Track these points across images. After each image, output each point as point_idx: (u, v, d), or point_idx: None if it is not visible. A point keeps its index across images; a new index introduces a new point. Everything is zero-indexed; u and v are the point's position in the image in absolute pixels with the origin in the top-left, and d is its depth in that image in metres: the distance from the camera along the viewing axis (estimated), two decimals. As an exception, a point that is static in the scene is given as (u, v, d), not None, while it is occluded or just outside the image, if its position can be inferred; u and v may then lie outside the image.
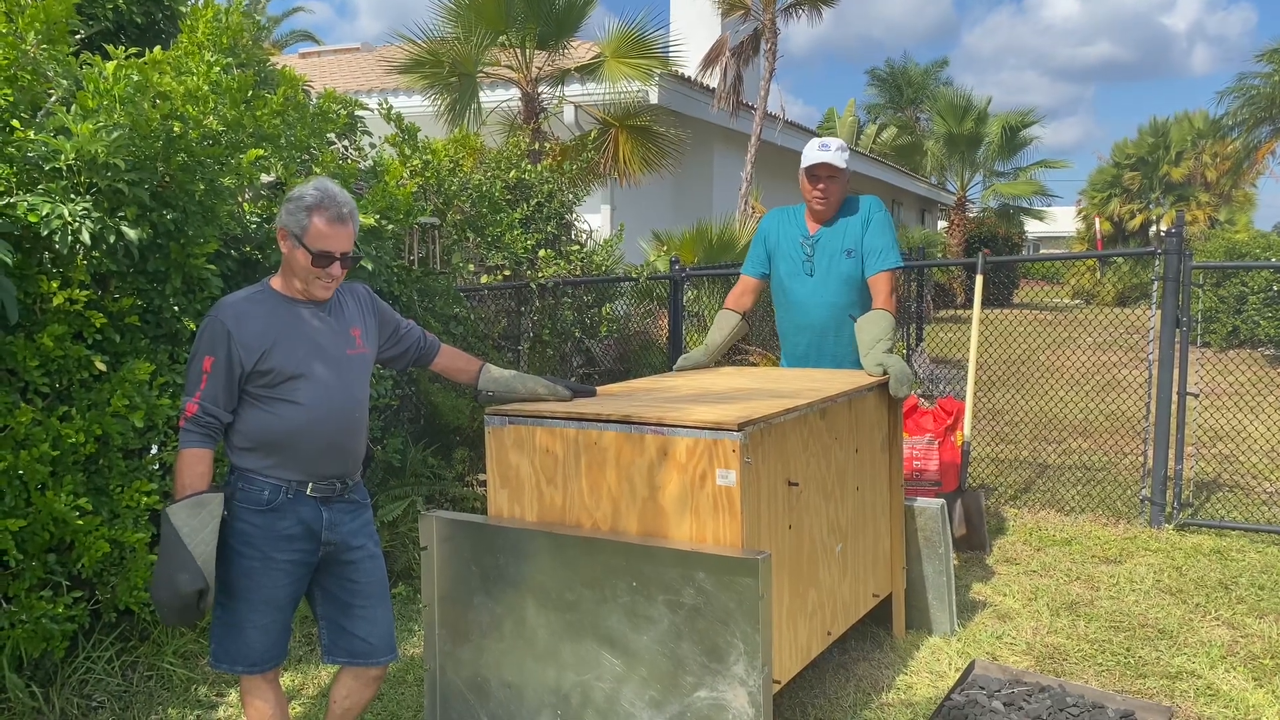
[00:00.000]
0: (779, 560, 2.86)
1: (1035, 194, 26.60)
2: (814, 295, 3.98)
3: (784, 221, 4.12)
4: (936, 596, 3.77)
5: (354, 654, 2.67)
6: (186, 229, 3.43)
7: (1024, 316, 9.28)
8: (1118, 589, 4.26)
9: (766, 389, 3.26)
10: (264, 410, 2.51)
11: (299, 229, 2.49)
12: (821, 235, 4.00)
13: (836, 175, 3.92)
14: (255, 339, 2.49)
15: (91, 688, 3.44)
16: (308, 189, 2.53)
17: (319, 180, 2.60)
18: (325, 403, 2.55)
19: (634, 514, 2.75)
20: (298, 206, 2.50)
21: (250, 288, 2.63)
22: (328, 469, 2.59)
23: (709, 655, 2.58)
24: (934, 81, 32.01)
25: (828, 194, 3.93)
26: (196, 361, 2.48)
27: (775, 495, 2.83)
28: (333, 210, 2.51)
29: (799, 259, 4.02)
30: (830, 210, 3.98)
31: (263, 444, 2.51)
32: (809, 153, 3.95)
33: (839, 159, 3.90)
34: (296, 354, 2.53)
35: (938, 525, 3.72)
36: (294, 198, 2.54)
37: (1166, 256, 4.99)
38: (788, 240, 4.06)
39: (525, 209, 5.52)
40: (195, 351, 2.49)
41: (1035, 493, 5.90)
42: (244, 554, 2.51)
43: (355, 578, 2.66)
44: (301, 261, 2.51)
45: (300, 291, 2.57)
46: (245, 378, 2.49)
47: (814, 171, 3.93)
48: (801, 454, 2.99)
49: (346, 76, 12.52)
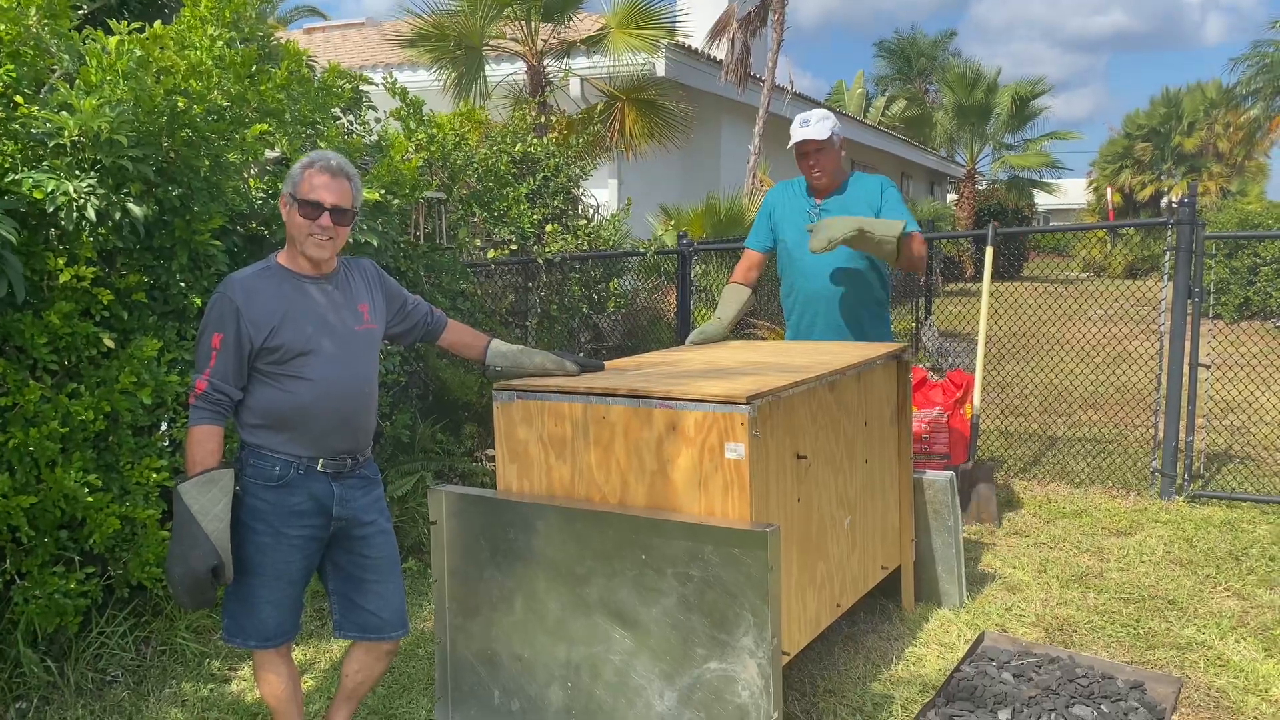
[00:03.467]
0: (787, 533, 2.85)
1: (1045, 166, 26.40)
2: (820, 264, 3.96)
3: (791, 193, 4.11)
4: (946, 569, 3.77)
5: (365, 629, 2.69)
6: (192, 205, 3.42)
7: (1033, 289, 9.21)
8: (1127, 561, 4.25)
9: (776, 363, 3.25)
10: (273, 387, 2.51)
11: (292, 187, 2.52)
12: (830, 204, 3.98)
13: (823, 147, 3.91)
14: (264, 315, 2.48)
15: (105, 662, 3.47)
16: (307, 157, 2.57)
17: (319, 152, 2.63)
18: (334, 378, 2.55)
19: (642, 488, 2.75)
20: (297, 168, 2.55)
21: (257, 264, 2.62)
22: (338, 444, 2.59)
23: (718, 628, 2.59)
24: (943, 53, 31.73)
25: (819, 166, 3.92)
26: (205, 338, 2.46)
27: (784, 468, 2.83)
28: (321, 163, 2.55)
29: (805, 228, 4.00)
30: (829, 181, 3.96)
31: (273, 420, 2.51)
32: (792, 132, 3.95)
33: (819, 131, 3.89)
34: (305, 330, 2.52)
35: (947, 498, 3.71)
36: (295, 165, 2.58)
37: (1179, 227, 4.94)
38: (795, 210, 4.04)
39: (532, 183, 5.49)
40: (204, 328, 2.48)
41: (1045, 465, 5.89)
42: (256, 529, 2.52)
43: (366, 553, 2.67)
44: (295, 219, 2.51)
45: (309, 261, 2.56)
46: (254, 354, 2.48)
47: (800, 149, 3.93)
48: (810, 427, 2.98)
49: (352, 51, 12.45)
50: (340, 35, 14.90)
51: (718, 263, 7.39)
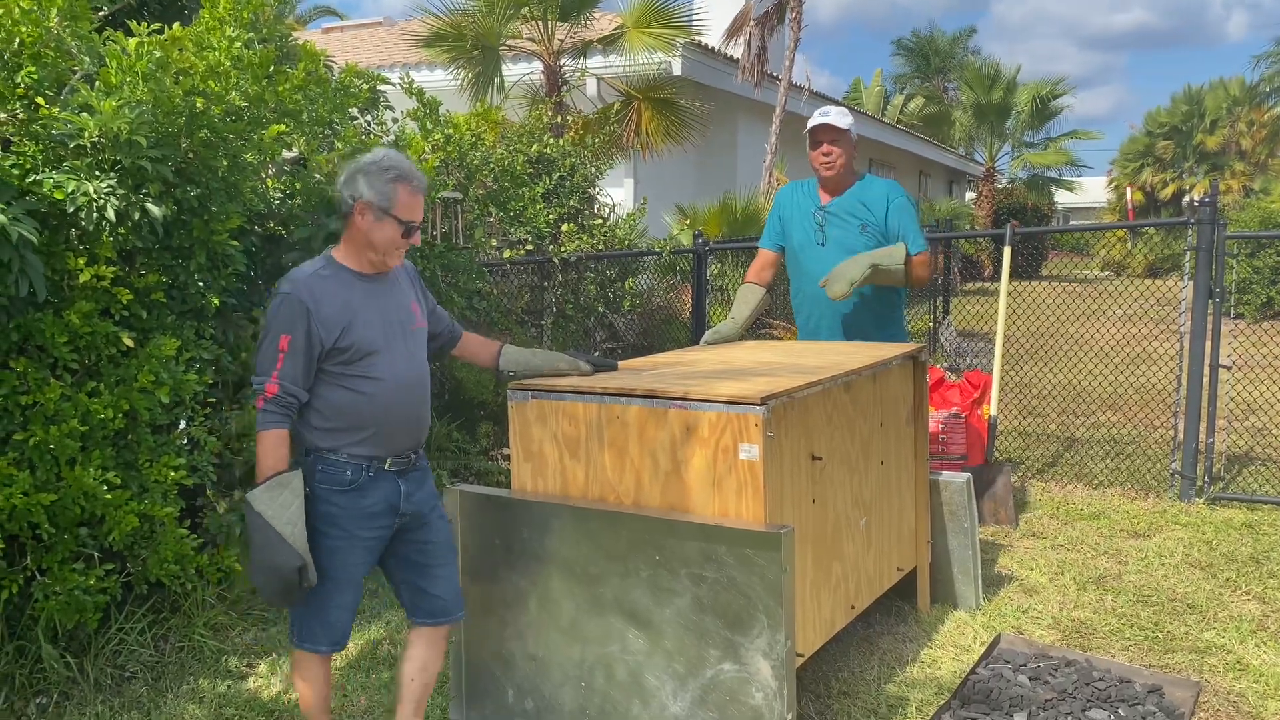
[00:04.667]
0: (802, 534, 2.85)
1: (1065, 164, 26.21)
2: (824, 265, 3.96)
3: (798, 193, 4.12)
4: (962, 570, 3.75)
5: (434, 614, 2.72)
6: (210, 205, 3.44)
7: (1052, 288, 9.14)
8: (1146, 563, 4.22)
9: (790, 363, 3.24)
10: (343, 388, 2.49)
11: (385, 200, 2.47)
12: (834, 206, 3.99)
13: (839, 138, 3.91)
14: (334, 315, 2.46)
15: (124, 658, 3.50)
16: (380, 160, 2.51)
17: (385, 151, 2.58)
18: (401, 377, 2.56)
19: (657, 488, 2.75)
20: (381, 178, 2.48)
21: (314, 263, 2.56)
22: (404, 443, 2.60)
23: (732, 629, 2.58)
24: (961, 51, 31.52)
25: (832, 155, 3.91)
26: (271, 339, 2.42)
27: (799, 469, 2.82)
28: (416, 181, 2.54)
29: (811, 229, 4.00)
30: (839, 177, 3.96)
31: (344, 423, 2.49)
32: (811, 119, 3.95)
33: (840, 121, 3.89)
34: (373, 329, 2.53)
35: (963, 499, 3.69)
36: (372, 169, 2.49)
37: (1200, 226, 4.90)
38: (801, 212, 4.05)
39: (547, 183, 5.50)
40: (269, 329, 2.43)
41: (1063, 466, 5.85)
42: (329, 534, 2.51)
43: (429, 539, 2.70)
44: (388, 233, 2.49)
45: (371, 264, 2.55)
46: (324, 355, 2.46)
47: (815, 135, 3.93)
48: (825, 428, 2.98)
49: (369, 51, 12.50)
50: (358, 35, 14.97)
51: (734, 262, 7.37)
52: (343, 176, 2.54)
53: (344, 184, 2.52)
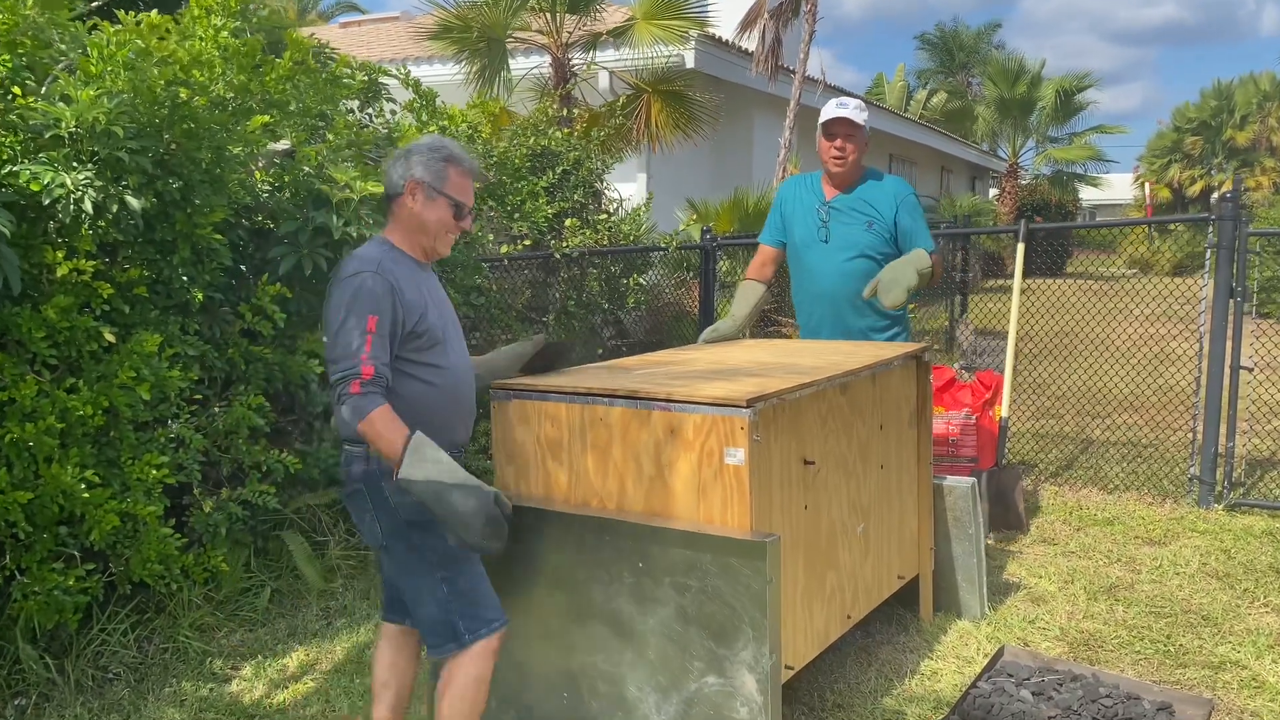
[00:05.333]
0: (794, 542, 2.74)
1: (1090, 159, 25.78)
2: (827, 262, 3.84)
3: (801, 188, 3.98)
4: (966, 579, 3.62)
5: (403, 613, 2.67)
6: (193, 198, 3.37)
7: (1075, 286, 8.95)
8: (1160, 572, 4.07)
9: (786, 363, 3.12)
10: (413, 377, 2.40)
11: (439, 181, 2.42)
12: (839, 201, 3.86)
13: (854, 133, 3.77)
14: (415, 298, 2.39)
15: (106, 659, 3.44)
16: (430, 142, 2.47)
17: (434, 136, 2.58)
18: (461, 366, 2.53)
19: (640, 493, 2.65)
20: (432, 157, 2.43)
21: (377, 246, 2.43)
22: (462, 434, 2.55)
23: (717, 640, 2.48)
24: (986, 45, 31.16)
25: (844, 152, 3.78)
26: (356, 321, 2.27)
27: (790, 474, 2.71)
28: (468, 163, 2.49)
29: (814, 225, 3.87)
30: (848, 172, 3.82)
31: (416, 414, 2.36)
32: (825, 110, 3.81)
33: (857, 115, 3.75)
34: (442, 316, 2.50)
35: (968, 505, 3.56)
36: (422, 149, 2.44)
37: (1221, 223, 4.73)
38: (804, 206, 3.92)
39: (550, 177, 5.40)
40: (350, 311, 2.29)
41: (1078, 469, 5.69)
42: (423, 524, 2.40)
43: None
44: (440, 214, 2.44)
45: (423, 250, 2.49)
46: (400, 340, 2.37)
47: (830, 129, 3.79)
48: (819, 431, 2.86)
49: (384, 46, 12.45)
50: (376, 29, 14.92)
51: (744, 258, 7.24)
52: (391, 161, 2.49)
53: (393, 166, 2.46)
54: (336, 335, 2.30)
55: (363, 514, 2.46)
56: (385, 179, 2.49)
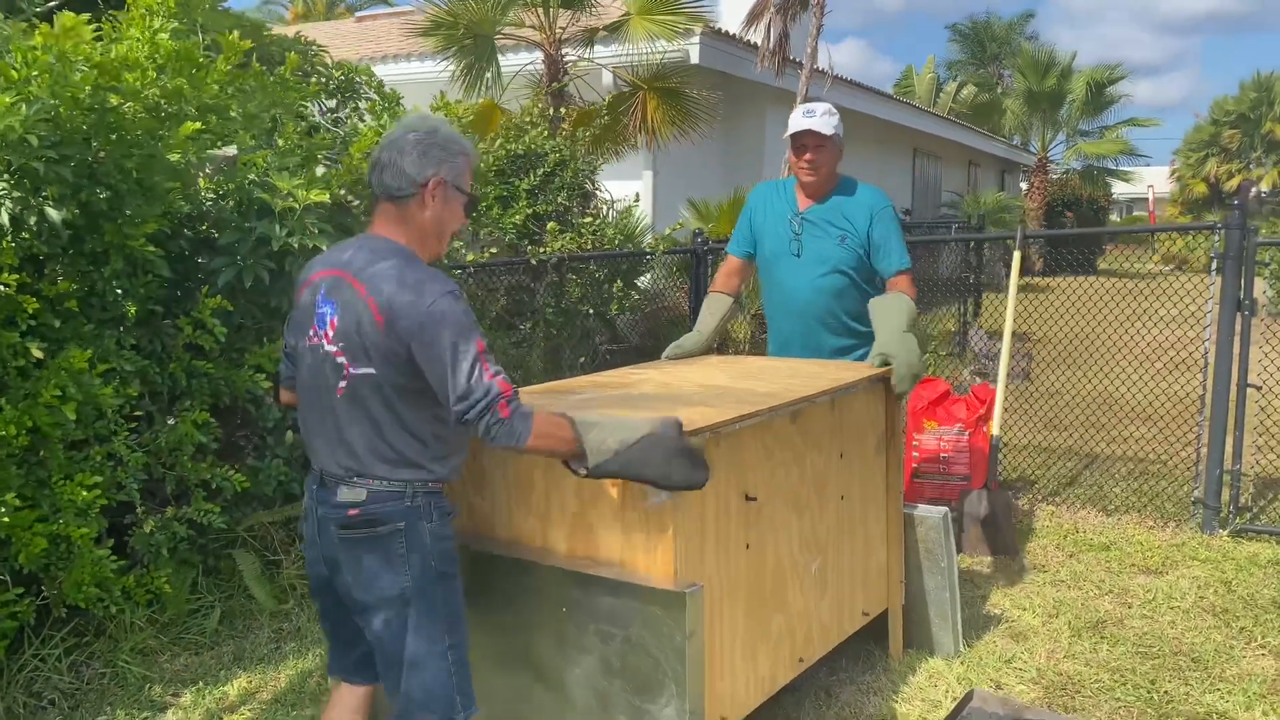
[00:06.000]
0: (732, 585, 2.54)
1: (1122, 153, 25.16)
2: (799, 277, 3.62)
3: (772, 196, 3.76)
4: (939, 613, 3.41)
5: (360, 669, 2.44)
6: (124, 208, 3.23)
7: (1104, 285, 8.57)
8: (1153, 606, 3.82)
9: (740, 389, 2.92)
10: None
11: (460, 177, 2.19)
12: (812, 213, 3.63)
13: (824, 144, 3.54)
14: None
15: (41, 685, 3.32)
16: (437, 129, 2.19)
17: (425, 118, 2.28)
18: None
19: (563, 531, 2.47)
20: (452, 151, 2.17)
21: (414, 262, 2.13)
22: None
23: (640, 695, 2.30)
24: (1018, 36, 30.56)
25: (815, 164, 3.56)
26: (470, 343, 2.02)
27: (727, 512, 2.51)
28: (475, 156, 2.28)
29: (786, 237, 3.66)
30: (821, 183, 3.60)
31: (453, 444, 2.19)
32: (793, 120, 3.58)
33: (825, 125, 3.52)
34: None
35: (940, 536, 3.35)
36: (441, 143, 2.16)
37: (1228, 231, 4.46)
38: (775, 216, 3.70)
39: (532, 179, 5.22)
40: (462, 331, 2.03)
41: (1079, 487, 5.42)
42: (451, 574, 2.22)
43: None
44: (458, 214, 2.23)
45: (434, 254, 2.25)
46: None
47: (799, 140, 3.56)
48: (764, 464, 2.66)
49: (394, 41, 12.31)
50: (388, 24, 14.79)
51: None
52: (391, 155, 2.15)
53: (395, 162, 2.14)
54: (455, 364, 2.01)
55: (388, 561, 2.14)
56: (380, 177, 2.17)
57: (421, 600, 2.17)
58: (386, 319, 2.07)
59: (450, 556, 2.23)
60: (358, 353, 2.11)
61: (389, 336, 2.07)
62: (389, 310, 2.07)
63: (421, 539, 2.17)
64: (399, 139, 2.18)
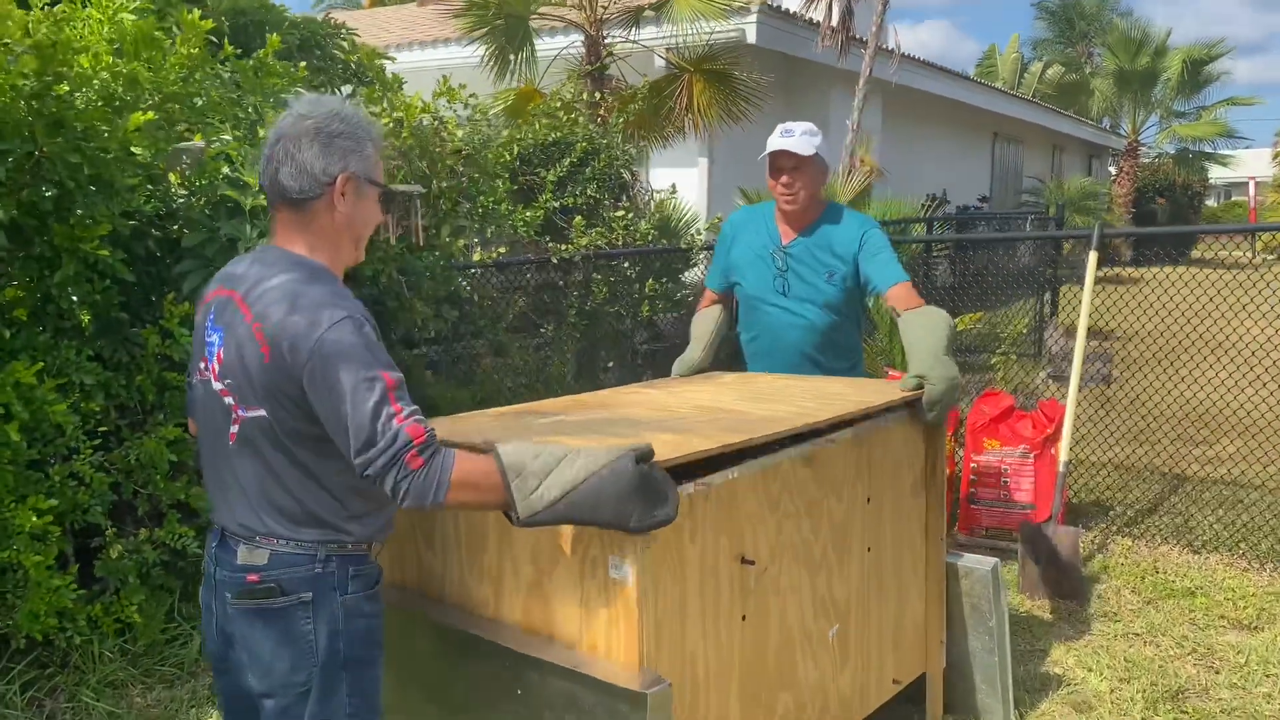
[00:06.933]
0: (723, 665, 2.13)
1: (1220, 135, 23.69)
2: (786, 316, 3.22)
3: (751, 224, 3.37)
4: (986, 679, 2.94)
5: None
6: (74, 207, 2.93)
7: (1198, 276, 7.75)
8: (1245, 673, 3.27)
9: (757, 415, 2.48)
10: None
11: (370, 167, 1.80)
12: (797, 248, 3.22)
13: (802, 165, 3.12)
14: None
15: (-2, 722, 3.09)
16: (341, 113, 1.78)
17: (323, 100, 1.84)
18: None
19: (518, 601, 2.08)
20: (355, 138, 1.77)
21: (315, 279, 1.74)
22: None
23: (602, 801, 1.91)
24: (1108, 13, 29.04)
25: (793, 188, 3.16)
26: (373, 382, 1.65)
27: (718, 579, 2.09)
28: (382, 137, 1.89)
29: (769, 274, 3.25)
30: (803, 210, 3.20)
31: (375, 500, 1.82)
32: (770, 140, 3.18)
33: (803, 146, 3.09)
34: None
35: (988, 591, 2.88)
36: (340, 130, 1.76)
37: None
38: (756, 249, 3.30)
39: (558, 169, 4.83)
40: (361, 368, 1.66)
41: (1161, 516, 4.83)
42: (372, 659, 1.88)
43: None
44: (373, 210, 1.84)
45: (347, 261, 1.85)
46: None
47: (775, 162, 3.16)
48: (767, 518, 2.23)
49: (427, 25, 11.99)
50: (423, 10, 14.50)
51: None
52: (283, 151, 1.76)
53: (309, 157, 1.74)
54: (360, 398, 1.65)
55: (290, 640, 1.78)
56: (274, 178, 1.77)
57: (324, 692, 1.80)
58: (274, 351, 1.69)
59: (369, 639, 1.86)
60: (246, 391, 1.74)
61: (277, 373, 1.70)
62: (275, 341, 1.69)
63: (331, 614, 1.80)
64: (294, 127, 1.76)
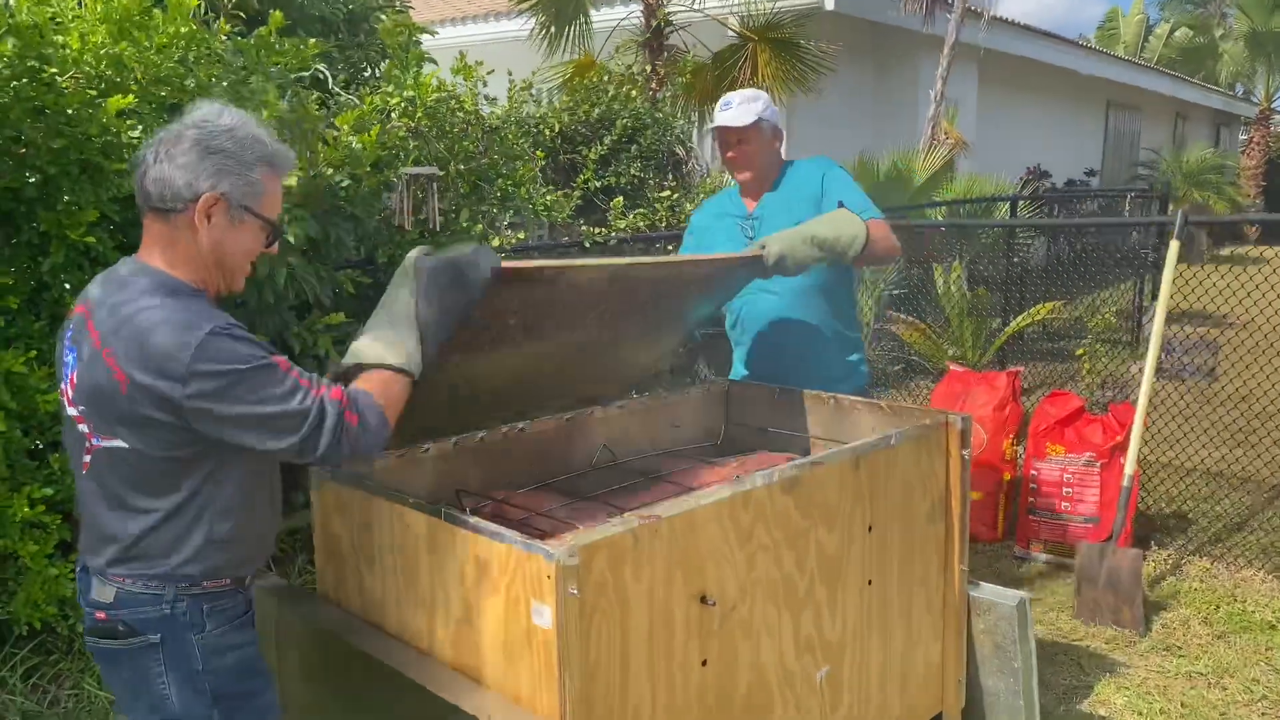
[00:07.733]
0: (679, 714, 1.91)
1: (1367, 102, 21.82)
2: (765, 289, 2.96)
3: (719, 209, 3.17)
4: (1011, 725, 2.64)
5: None
6: (61, 194, 2.86)
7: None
8: (1322, 729, 2.89)
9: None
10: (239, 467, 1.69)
11: (252, 196, 1.66)
12: (765, 209, 3.01)
13: (747, 135, 2.93)
14: None
15: (2, 708, 3.10)
16: (234, 128, 1.65)
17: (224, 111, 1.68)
18: None
19: (449, 637, 1.91)
20: (241, 159, 1.64)
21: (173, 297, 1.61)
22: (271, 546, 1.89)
23: None
24: (1246, -30, 27.00)
25: (740, 160, 2.97)
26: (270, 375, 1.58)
27: (670, 621, 1.87)
28: (286, 164, 1.73)
29: (741, 245, 2.99)
30: (760, 178, 3.01)
31: (240, 526, 1.71)
32: (714, 117, 2.97)
33: (741, 116, 2.89)
34: None
35: (1012, 629, 2.57)
36: (226, 144, 1.63)
37: None
38: (725, 226, 3.08)
39: (599, 148, 4.60)
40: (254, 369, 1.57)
41: (1250, 533, 4.37)
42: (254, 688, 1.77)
43: None
44: (248, 243, 1.69)
45: (219, 286, 1.71)
46: None
47: (720, 138, 2.99)
48: (735, 552, 2.00)
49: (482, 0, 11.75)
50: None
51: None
52: (160, 152, 1.63)
53: (176, 167, 1.61)
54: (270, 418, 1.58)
55: (145, 683, 1.69)
56: (141, 180, 1.64)
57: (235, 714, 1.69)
58: (129, 379, 1.55)
59: (243, 670, 1.72)
60: (100, 421, 1.60)
61: (138, 402, 1.55)
62: (135, 368, 1.55)
63: (186, 657, 1.67)
64: (177, 133, 1.63)
